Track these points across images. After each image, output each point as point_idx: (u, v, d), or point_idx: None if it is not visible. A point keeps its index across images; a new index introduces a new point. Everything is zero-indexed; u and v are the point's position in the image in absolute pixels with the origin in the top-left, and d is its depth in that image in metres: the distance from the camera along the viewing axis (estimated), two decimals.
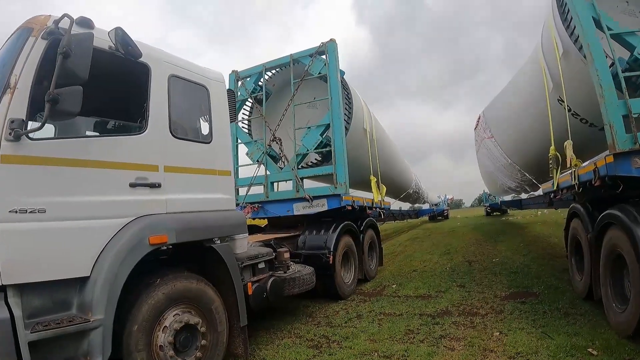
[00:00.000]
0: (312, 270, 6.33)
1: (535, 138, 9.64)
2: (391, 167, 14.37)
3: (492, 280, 7.81)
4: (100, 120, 4.92)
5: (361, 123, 9.61)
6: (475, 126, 18.24)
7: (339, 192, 7.52)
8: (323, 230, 7.37)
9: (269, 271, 5.55)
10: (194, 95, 4.75)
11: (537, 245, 12.09)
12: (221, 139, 4.94)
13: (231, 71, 9.76)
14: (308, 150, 8.11)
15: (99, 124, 4.93)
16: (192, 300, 3.99)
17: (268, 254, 5.56)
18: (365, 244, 8.70)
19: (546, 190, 7.61)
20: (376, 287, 8.19)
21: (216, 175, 4.77)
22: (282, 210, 8.19)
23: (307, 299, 7.25)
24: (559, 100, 7.24)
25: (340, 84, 8.23)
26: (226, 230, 4.68)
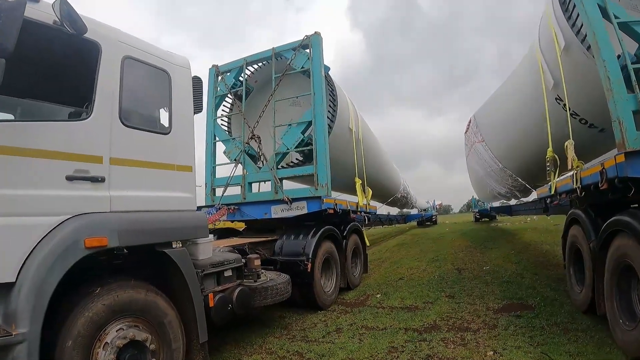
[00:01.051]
0: (287, 278, 5.75)
1: (530, 141, 9.19)
2: (378, 170, 13.85)
3: (483, 290, 7.29)
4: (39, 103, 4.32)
5: (347, 122, 9.08)
6: (466, 130, 17.82)
7: (320, 195, 6.97)
8: (302, 235, 6.79)
9: (237, 280, 4.97)
10: (153, 80, 4.25)
11: (528, 253, 11.63)
12: (182, 130, 4.39)
13: (211, 65, 9.24)
14: (288, 149, 7.55)
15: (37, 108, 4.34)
16: (140, 312, 3.48)
17: (236, 260, 4.97)
18: (349, 250, 8.13)
19: (542, 195, 7.13)
20: (359, 296, 7.63)
21: (174, 170, 4.22)
22: (259, 213, 7.62)
23: (284, 308, 6.70)
24: (557, 100, 6.79)
25: (324, 79, 7.71)
26: (182, 233, 4.11)
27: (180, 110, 4.39)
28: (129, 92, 3.84)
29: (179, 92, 4.42)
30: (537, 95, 7.70)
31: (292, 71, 7.94)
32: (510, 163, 12.22)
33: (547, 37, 6.58)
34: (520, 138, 9.88)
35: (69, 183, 3.25)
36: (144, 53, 4.08)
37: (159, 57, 4.26)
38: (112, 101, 3.65)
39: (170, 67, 4.36)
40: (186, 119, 4.49)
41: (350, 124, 9.13)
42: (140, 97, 4.16)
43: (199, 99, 4.91)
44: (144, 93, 4.23)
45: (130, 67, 3.87)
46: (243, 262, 5.14)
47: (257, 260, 5.22)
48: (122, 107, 3.70)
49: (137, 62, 3.96)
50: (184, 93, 4.52)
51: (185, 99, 4.53)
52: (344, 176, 9.66)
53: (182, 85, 4.50)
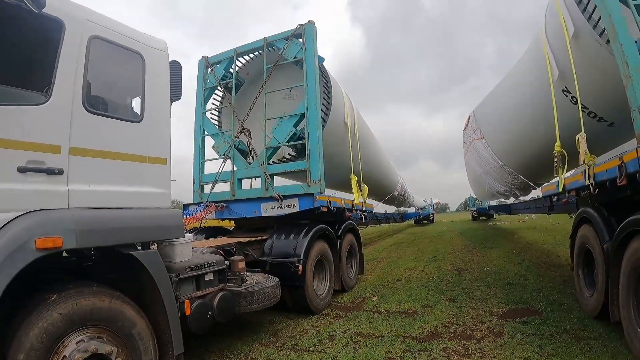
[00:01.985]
0: (276, 282, 5.34)
1: (533, 136, 8.80)
2: (375, 167, 13.46)
3: (485, 293, 6.89)
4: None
5: (342, 116, 8.68)
6: (465, 127, 17.44)
7: (313, 192, 6.56)
8: (293, 234, 6.37)
9: (219, 284, 4.55)
10: (125, 63, 3.85)
11: (530, 253, 11.26)
12: (156, 118, 3.99)
13: (201, 57, 8.84)
14: (279, 143, 7.13)
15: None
16: (105, 322, 3.10)
17: (218, 263, 4.54)
18: (344, 251, 7.72)
19: (547, 193, 6.73)
20: (355, 299, 7.22)
21: (146, 163, 3.81)
22: (249, 211, 7.20)
23: (274, 312, 6.29)
24: (565, 92, 6.40)
25: (317, 69, 7.29)
26: (152, 233, 3.71)
27: (154, 96, 4.00)
28: (96, 76, 3.47)
29: (154, 77, 4.03)
30: (542, 88, 7.30)
31: (284, 61, 7.54)
32: (511, 160, 11.84)
33: (554, 24, 6.19)
34: (523, 134, 9.48)
35: (21, 175, 2.87)
36: (115, 33, 3.69)
37: (132, 38, 3.86)
38: (75, 85, 3.26)
39: (145, 50, 3.96)
40: (162, 107, 4.09)
41: (345, 117, 8.73)
42: (109, 82, 3.77)
43: (178, 86, 4.49)
44: (114, 77, 3.84)
45: (98, 48, 3.49)
46: (226, 264, 4.73)
47: (241, 262, 4.79)
48: (86, 92, 3.33)
49: (106, 43, 3.57)
50: (160, 78, 4.13)
51: (161, 85, 4.13)
52: (339, 173, 9.26)
53: (158, 69, 4.10)
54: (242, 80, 8.66)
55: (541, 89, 7.34)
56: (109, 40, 3.59)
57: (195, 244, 5.93)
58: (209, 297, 4.31)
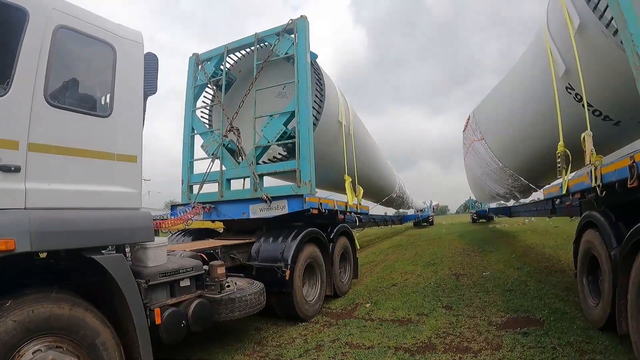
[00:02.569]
0: (260, 288, 5.01)
1: (534, 137, 8.50)
2: (372, 168, 13.13)
3: (484, 300, 6.57)
4: None
5: (336, 115, 8.36)
6: (464, 128, 17.12)
7: (302, 193, 6.23)
8: (281, 237, 6.05)
9: (197, 290, 4.24)
10: (95, 55, 3.60)
11: (530, 257, 10.93)
12: (127, 113, 3.71)
13: (192, 54, 8.55)
14: (269, 142, 6.81)
15: None
16: (65, 331, 2.89)
17: (195, 268, 4.23)
18: (336, 255, 7.39)
19: (550, 195, 6.41)
20: (347, 305, 6.90)
21: (114, 160, 3.51)
22: (236, 213, 6.89)
23: (262, 318, 6.00)
24: (568, 89, 6.09)
25: (309, 65, 6.98)
26: (117, 236, 3.42)
27: (126, 90, 3.73)
28: (62, 67, 3.25)
29: (126, 70, 3.76)
30: (544, 86, 7.00)
31: (275, 57, 7.24)
32: (511, 162, 11.52)
33: (557, 18, 5.88)
34: (523, 134, 9.16)
35: None
36: (85, 23, 3.45)
37: (103, 28, 3.62)
38: (37, 77, 3.03)
39: (117, 41, 3.71)
40: (133, 101, 3.80)
41: (339, 116, 8.41)
42: (76, 74, 3.50)
43: (153, 79, 4.19)
44: (81, 69, 3.59)
45: (65, 39, 3.26)
46: (205, 269, 4.41)
47: (220, 268, 4.46)
48: (49, 84, 3.09)
49: (74, 33, 3.34)
50: (133, 71, 3.86)
51: (134, 78, 3.86)
52: (333, 174, 8.96)
53: (131, 61, 3.83)
54: (234, 78, 8.38)
55: (543, 87, 7.04)
56: (77, 30, 3.37)
57: (176, 247, 5.63)
58: (184, 304, 4.01)
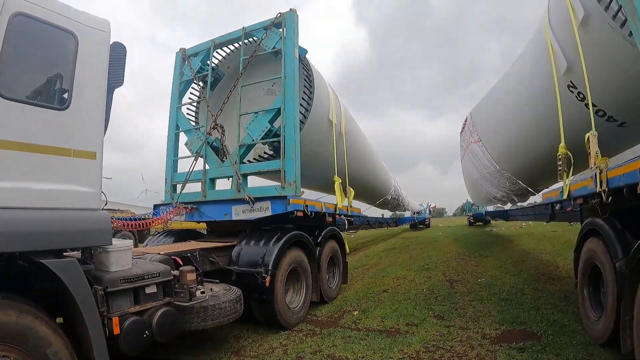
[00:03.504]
0: (237, 295, 4.66)
1: (533, 138, 8.16)
2: (365, 169, 12.78)
3: (478, 309, 6.22)
4: None
5: (326, 113, 8.00)
6: (461, 130, 16.81)
7: (287, 194, 5.88)
8: (263, 241, 5.69)
9: (165, 298, 3.90)
10: (55, 44, 3.28)
11: (527, 263, 10.59)
12: (87, 106, 3.37)
13: (179, 49, 8.20)
14: (254, 140, 6.46)
15: None
16: (11, 340, 2.66)
17: (162, 273, 3.88)
18: (324, 259, 7.02)
19: (549, 200, 6.07)
20: (333, 312, 6.54)
21: (70, 157, 3.17)
22: (219, 214, 6.54)
23: (243, 324, 5.66)
24: (570, 87, 5.75)
25: (297, 60, 6.64)
26: (69, 239, 3.11)
27: (87, 81, 3.42)
28: (16, 57, 2.98)
29: (89, 60, 3.45)
30: (544, 85, 6.67)
31: (262, 52, 6.90)
32: (509, 165, 11.18)
33: (559, 11, 5.55)
34: (522, 136, 8.81)
35: None
36: (45, 10, 3.15)
37: (66, 16, 3.31)
38: None
39: (80, 29, 3.39)
40: (95, 93, 3.47)
41: (330, 114, 8.06)
42: (33, 64, 3.22)
43: (120, 71, 3.89)
44: (39, 59, 3.26)
45: (22, 27, 2.98)
46: (174, 275, 4.05)
47: (190, 274, 4.10)
48: (2, 75, 2.83)
49: (32, 21, 3.05)
50: (96, 61, 3.53)
51: (98, 69, 3.54)
52: (324, 175, 8.60)
53: (94, 51, 3.52)
54: (222, 74, 8.04)
55: (543, 85, 6.71)
56: (35, 17, 3.06)
57: (150, 250, 5.29)
58: (148, 313, 3.67)
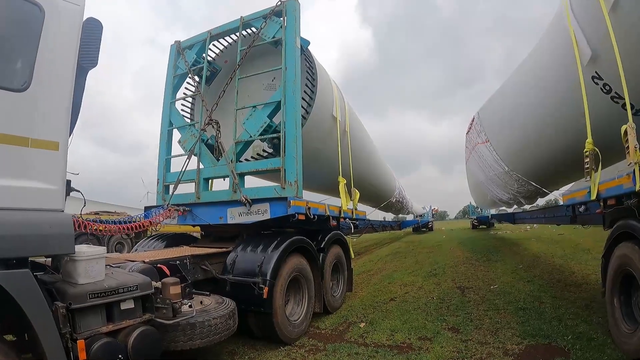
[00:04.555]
0: (230, 309, 4.16)
1: (549, 137, 7.67)
2: (370, 170, 12.29)
3: (495, 320, 5.71)
4: None
5: (330, 109, 7.53)
6: (468, 130, 16.31)
7: (287, 195, 5.40)
8: (261, 247, 5.20)
9: (144, 314, 3.40)
10: (17, 17, 2.84)
11: (540, 268, 10.08)
12: (50, 88, 2.88)
13: (174, 41, 7.78)
14: (251, 137, 5.98)
15: None
16: None
17: (141, 286, 3.37)
18: (327, 266, 6.50)
19: (572, 201, 5.56)
20: (338, 324, 6.04)
21: (27, 147, 2.68)
22: (213, 217, 6.06)
23: (240, 337, 5.18)
24: (595, 78, 5.27)
25: (299, 51, 6.18)
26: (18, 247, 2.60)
27: (52, 60, 2.94)
28: None
29: (56, 35, 2.98)
30: (563, 78, 6.20)
31: (261, 42, 6.44)
32: (519, 166, 10.69)
33: None
34: (536, 135, 8.29)
35: None
36: None
37: None
38: None
39: (47, 1, 2.92)
40: (61, 74, 2.98)
41: (334, 111, 7.59)
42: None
43: (94, 50, 3.40)
44: None
45: None
46: (155, 287, 3.55)
47: (174, 286, 3.59)
48: None
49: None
50: (65, 38, 3.06)
51: (66, 46, 3.06)
52: (328, 175, 8.13)
53: (63, 26, 3.05)
54: (219, 68, 7.58)
55: (562, 79, 6.24)
56: None
57: (133, 256, 4.81)
58: (124, 333, 3.15)
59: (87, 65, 3.31)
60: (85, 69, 3.34)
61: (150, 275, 3.83)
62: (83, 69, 3.29)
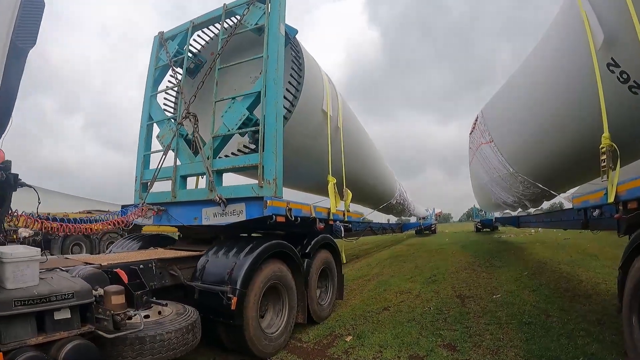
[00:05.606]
0: (191, 321, 3.59)
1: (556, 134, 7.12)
2: (366, 169, 11.71)
3: (496, 336, 5.14)
4: None
5: (320, 103, 6.99)
6: (471, 130, 15.75)
7: (264, 194, 4.85)
8: (234, 251, 4.65)
9: (85, 325, 2.88)
10: None
11: (545, 276, 9.47)
12: None
13: (157, 32, 7.32)
14: (229, 131, 5.46)
15: None
16: None
17: (79, 294, 2.86)
18: (313, 273, 5.91)
19: (585, 204, 4.98)
20: (323, 337, 5.49)
21: None
22: (188, 218, 5.56)
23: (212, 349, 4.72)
24: (611, 66, 4.72)
25: (282, 38, 5.68)
26: None
27: None
28: None
29: None
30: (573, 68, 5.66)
31: (243, 30, 5.95)
32: (525, 167, 10.13)
33: None
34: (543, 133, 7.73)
35: None
36: None
37: None
38: None
39: None
40: None
41: (324, 105, 7.04)
42: None
43: (32, 28, 2.92)
44: None
45: None
46: (95, 296, 3.03)
47: (117, 295, 3.06)
48: None
49: None
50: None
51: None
52: (318, 174, 7.59)
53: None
54: (204, 60, 7.11)
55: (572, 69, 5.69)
56: None
57: (89, 259, 4.31)
58: (56, 346, 2.64)
59: (25, 45, 2.85)
60: (24, 50, 2.88)
61: (97, 281, 3.33)
62: (21, 49, 2.83)
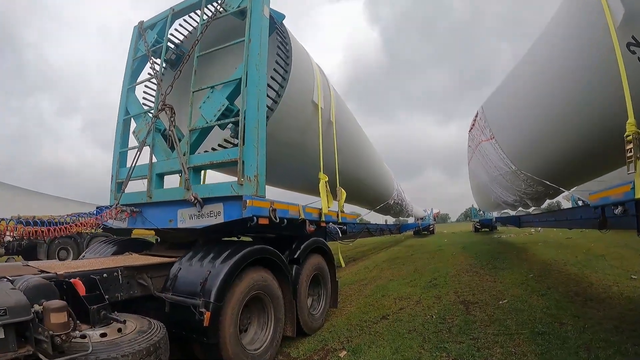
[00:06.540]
0: (154, 341, 3.00)
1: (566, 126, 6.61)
2: (362, 167, 11.15)
3: (508, 349, 4.60)
4: None
5: (310, 95, 6.47)
6: (471, 127, 15.25)
7: (244, 193, 4.31)
8: (210, 258, 4.11)
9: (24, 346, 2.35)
10: None
11: (553, 278, 8.95)
12: None
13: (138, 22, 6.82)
14: (207, 123, 4.92)
15: None
16: None
17: (13, 310, 2.32)
18: (303, 281, 5.35)
19: (604, 201, 4.45)
20: (314, 351, 4.94)
21: None
22: (163, 220, 5.03)
23: None
24: (631, 45, 4.21)
25: (267, 20, 5.16)
26: None
27: None
28: None
29: None
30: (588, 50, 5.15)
31: (225, 14, 5.43)
32: (529, 164, 9.62)
33: None
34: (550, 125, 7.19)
35: None
36: None
37: None
38: None
39: None
40: None
41: (315, 97, 6.51)
42: None
43: None
44: None
45: None
46: (37, 312, 2.49)
47: (57, 313, 2.50)
48: None
49: None
50: None
51: None
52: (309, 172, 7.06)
53: None
54: (186, 51, 6.56)
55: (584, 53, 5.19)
56: None
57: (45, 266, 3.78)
58: None
59: None
60: None
61: (42, 294, 2.77)
62: None
